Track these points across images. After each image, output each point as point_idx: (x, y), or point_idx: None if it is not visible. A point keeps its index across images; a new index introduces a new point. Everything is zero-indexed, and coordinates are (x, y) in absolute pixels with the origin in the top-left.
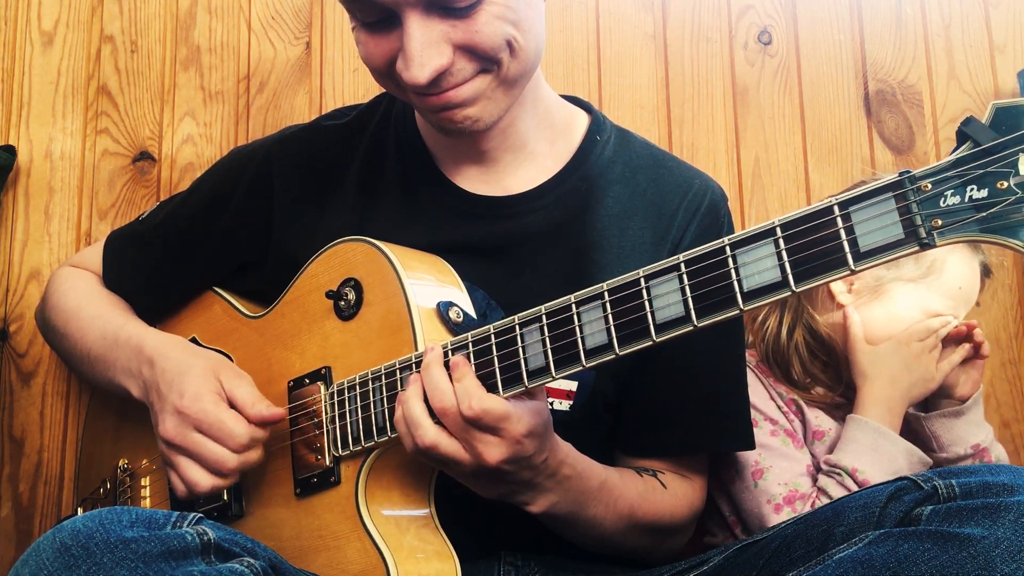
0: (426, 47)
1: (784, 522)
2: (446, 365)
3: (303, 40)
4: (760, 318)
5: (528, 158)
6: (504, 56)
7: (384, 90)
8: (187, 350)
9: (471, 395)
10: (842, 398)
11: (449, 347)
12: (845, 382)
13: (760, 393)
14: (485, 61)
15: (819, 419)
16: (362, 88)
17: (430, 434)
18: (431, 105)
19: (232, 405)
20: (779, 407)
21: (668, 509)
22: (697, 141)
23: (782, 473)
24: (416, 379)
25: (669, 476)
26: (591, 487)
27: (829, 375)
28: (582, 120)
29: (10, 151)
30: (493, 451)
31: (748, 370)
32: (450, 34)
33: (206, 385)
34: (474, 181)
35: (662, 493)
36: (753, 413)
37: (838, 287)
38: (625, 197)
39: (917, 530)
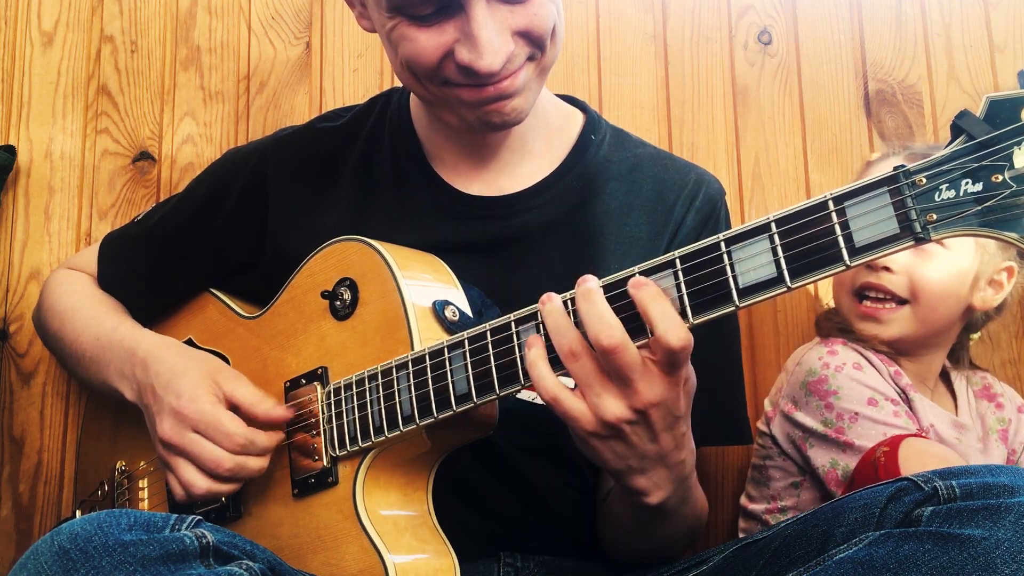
0: (495, 33)
1: (783, 522)
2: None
3: (303, 40)
4: None
5: (525, 157)
6: (548, 42)
7: (378, 92)
8: (181, 352)
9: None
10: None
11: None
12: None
13: (875, 377)
14: (535, 47)
15: (925, 411)
16: (362, 88)
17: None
18: (484, 97)
19: (234, 407)
20: (895, 389)
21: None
22: (697, 141)
23: None
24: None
25: None
26: (694, 481)
27: None
28: (577, 119)
29: (10, 151)
30: (651, 390)
31: (863, 356)
32: (510, 19)
33: (203, 386)
34: (470, 180)
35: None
36: (872, 394)
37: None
38: (622, 193)
39: (917, 531)
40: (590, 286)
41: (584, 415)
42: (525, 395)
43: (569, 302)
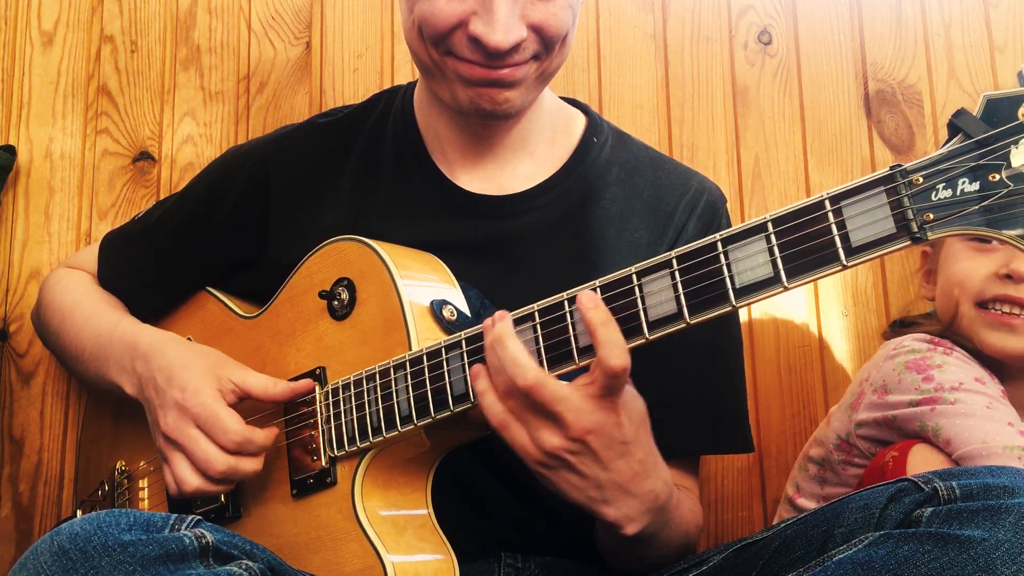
0: (512, 15)
1: (783, 522)
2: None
3: (303, 40)
4: None
5: (527, 158)
6: (556, 47)
7: (378, 92)
8: (183, 346)
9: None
10: None
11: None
12: None
13: (987, 376)
14: (544, 46)
15: None
16: (362, 88)
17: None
18: (482, 77)
19: (248, 395)
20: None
21: (699, 518)
22: (697, 141)
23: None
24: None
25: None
26: (671, 507)
27: None
28: (579, 122)
29: (10, 151)
30: (583, 417)
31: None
32: (529, 10)
33: (207, 380)
34: (471, 178)
35: (693, 501)
36: (980, 374)
37: None
38: (622, 198)
39: (917, 532)
40: (499, 332)
41: (529, 445)
42: None
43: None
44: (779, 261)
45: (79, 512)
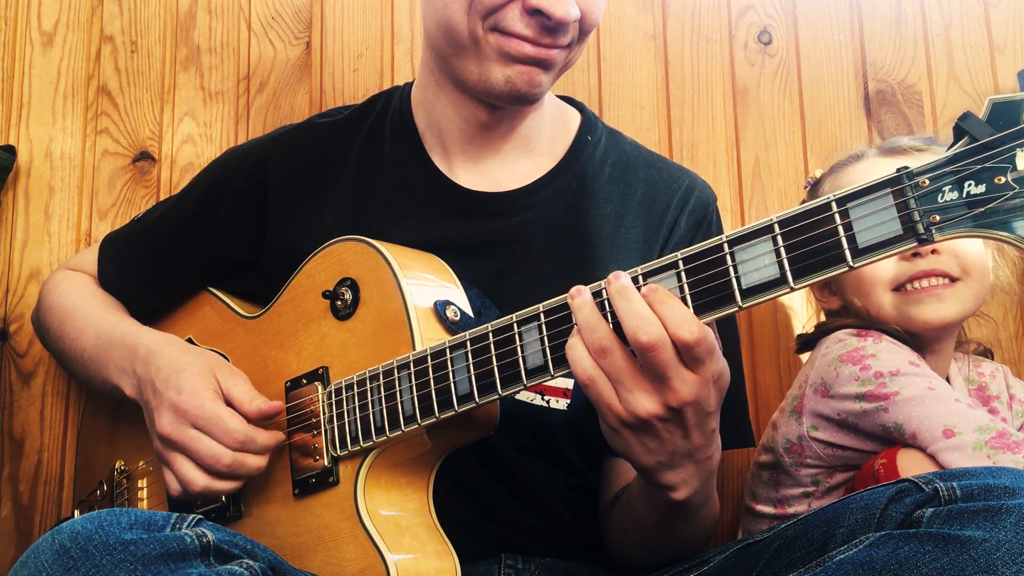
0: None
1: (784, 522)
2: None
3: (303, 40)
4: None
5: (527, 155)
6: (585, 38)
7: (378, 92)
8: (181, 348)
9: (687, 318)
10: None
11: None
12: None
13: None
14: (581, 34)
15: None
16: (362, 88)
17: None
18: (530, 55)
19: (228, 403)
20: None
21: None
22: (697, 141)
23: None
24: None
25: None
26: (713, 481)
27: None
28: (575, 119)
29: (10, 151)
30: (686, 388)
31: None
32: None
33: (203, 382)
34: (470, 175)
35: None
36: (914, 359)
37: None
38: (617, 196)
39: (918, 532)
40: (624, 283)
41: (615, 404)
42: (525, 396)
43: (602, 295)
44: (786, 262)
45: (77, 512)
